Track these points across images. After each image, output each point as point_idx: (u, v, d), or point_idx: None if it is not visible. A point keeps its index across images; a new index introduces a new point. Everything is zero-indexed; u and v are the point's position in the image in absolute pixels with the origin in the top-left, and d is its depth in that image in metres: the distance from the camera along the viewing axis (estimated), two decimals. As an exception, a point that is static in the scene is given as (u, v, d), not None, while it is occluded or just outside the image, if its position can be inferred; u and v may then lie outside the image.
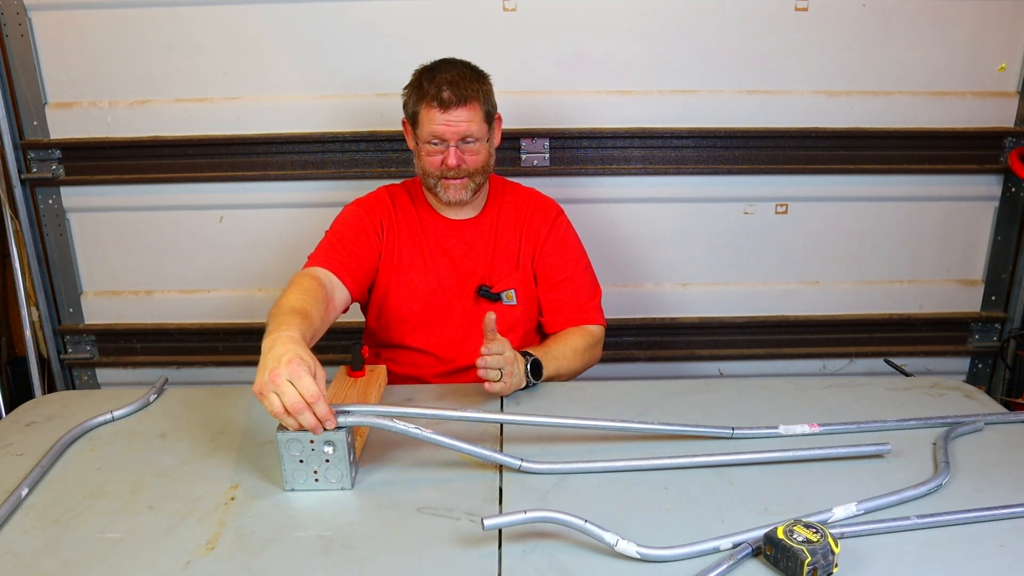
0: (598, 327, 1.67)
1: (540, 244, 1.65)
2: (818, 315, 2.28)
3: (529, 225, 1.65)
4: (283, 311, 1.23)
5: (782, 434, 1.24)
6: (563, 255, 1.66)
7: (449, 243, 1.63)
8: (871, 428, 1.26)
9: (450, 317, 1.63)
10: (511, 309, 1.64)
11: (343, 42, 2.02)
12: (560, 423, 1.21)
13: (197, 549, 0.98)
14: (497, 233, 1.64)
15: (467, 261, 1.63)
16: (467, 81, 1.50)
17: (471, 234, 1.64)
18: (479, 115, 1.51)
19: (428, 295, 1.61)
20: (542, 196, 1.71)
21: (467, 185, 1.55)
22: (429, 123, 1.50)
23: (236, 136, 2.08)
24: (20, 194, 2.11)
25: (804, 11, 2.00)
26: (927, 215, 2.20)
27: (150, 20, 1.99)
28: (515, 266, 1.64)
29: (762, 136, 2.10)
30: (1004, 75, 2.08)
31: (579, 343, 1.59)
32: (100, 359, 2.30)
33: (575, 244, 1.70)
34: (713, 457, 1.16)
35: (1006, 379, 2.34)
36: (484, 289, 1.62)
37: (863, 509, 1.02)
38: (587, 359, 1.61)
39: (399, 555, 0.96)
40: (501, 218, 1.65)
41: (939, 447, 1.18)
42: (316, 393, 1.03)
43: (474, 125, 1.50)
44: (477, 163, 1.54)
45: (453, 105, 1.47)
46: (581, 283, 1.67)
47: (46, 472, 1.16)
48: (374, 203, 1.63)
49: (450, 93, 1.47)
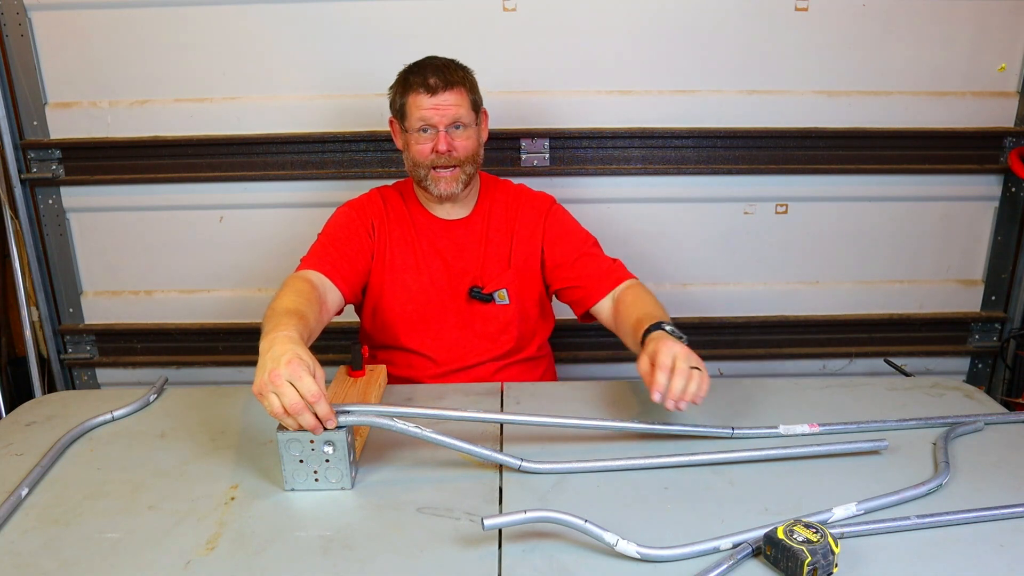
0: (633, 280, 1.58)
1: (540, 237, 1.64)
2: (818, 315, 2.28)
3: (521, 223, 1.64)
4: (278, 312, 1.23)
5: (782, 434, 1.24)
6: (569, 238, 1.64)
7: (441, 243, 1.63)
8: (871, 428, 1.26)
9: (444, 318, 1.63)
10: (504, 309, 1.64)
11: (343, 42, 2.02)
12: (560, 423, 1.21)
13: (197, 549, 0.98)
14: (488, 233, 1.64)
15: (459, 261, 1.63)
16: (452, 69, 1.53)
17: (462, 234, 1.63)
18: (467, 101, 1.52)
19: (421, 295, 1.61)
20: (532, 191, 1.70)
21: (458, 176, 1.54)
22: (417, 109, 1.50)
23: (236, 136, 2.08)
24: (20, 194, 2.11)
25: (804, 11, 2.00)
26: (927, 215, 2.20)
27: (150, 20, 1.99)
28: (507, 265, 1.64)
29: (762, 136, 2.10)
30: (1004, 75, 2.08)
31: (646, 294, 1.51)
32: (100, 359, 2.30)
33: (576, 226, 1.68)
34: (711, 455, 1.16)
35: (1006, 379, 2.34)
36: (476, 290, 1.62)
37: (863, 509, 1.02)
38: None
39: (399, 555, 0.96)
40: (492, 217, 1.65)
41: (939, 447, 1.18)
42: (316, 393, 1.03)
43: (462, 110, 1.51)
44: (467, 150, 1.54)
45: (440, 89, 1.49)
46: (597, 254, 1.63)
47: (46, 472, 1.16)
48: (365, 204, 1.63)
49: (436, 79, 1.49)
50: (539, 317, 1.71)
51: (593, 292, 1.58)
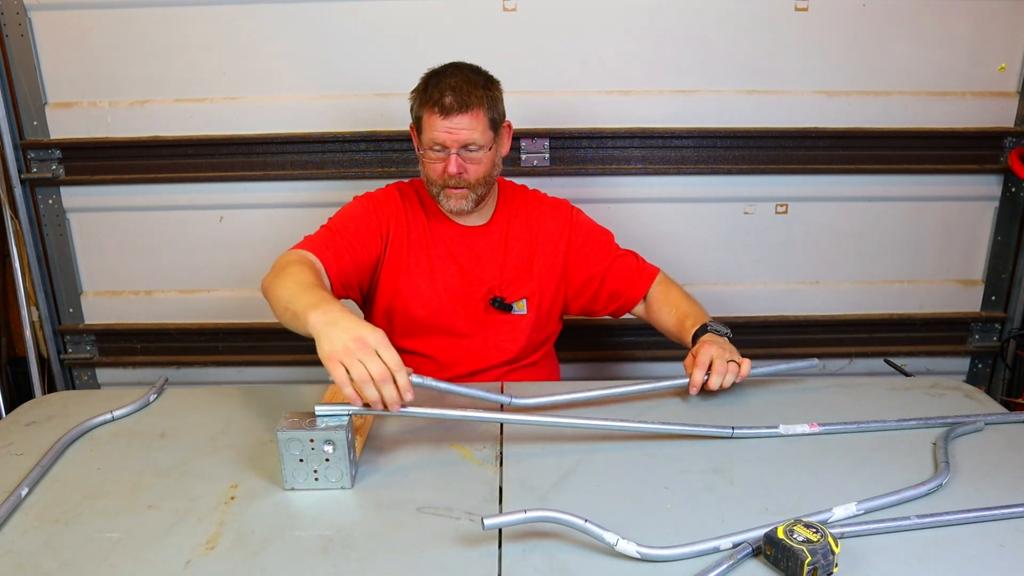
0: (660, 274, 1.69)
1: (564, 249, 1.64)
2: (818, 315, 2.28)
3: (544, 232, 1.64)
4: (313, 286, 1.24)
5: (782, 434, 1.24)
6: (596, 245, 1.67)
7: (457, 249, 1.61)
8: (871, 428, 1.26)
9: (454, 323, 1.62)
10: (520, 319, 1.64)
11: (343, 42, 2.02)
12: (560, 423, 1.21)
13: (197, 549, 0.97)
14: (508, 242, 1.63)
15: (475, 269, 1.61)
16: (471, 87, 1.47)
17: (480, 242, 1.62)
18: (482, 123, 1.48)
19: (434, 299, 1.60)
20: (549, 199, 1.70)
21: (467, 196, 1.53)
22: (430, 129, 1.47)
23: (236, 136, 2.08)
24: (20, 194, 2.11)
25: (804, 11, 2.00)
26: (927, 215, 2.20)
27: (150, 20, 1.99)
28: (529, 275, 1.63)
29: (762, 136, 2.10)
30: (1004, 75, 2.08)
31: (677, 291, 1.65)
32: (100, 359, 2.30)
33: (597, 229, 1.70)
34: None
35: (1006, 379, 2.34)
36: (498, 300, 1.61)
37: (863, 509, 1.02)
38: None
39: (399, 555, 0.96)
40: (511, 226, 1.63)
41: (939, 447, 1.18)
42: (399, 362, 1.05)
43: (476, 133, 1.47)
44: (478, 173, 1.51)
45: (455, 112, 1.44)
46: (621, 254, 1.69)
47: (46, 472, 1.15)
48: (384, 201, 1.60)
49: (452, 99, 1.44)
50: (551, 324, 1.71)
51: (630, 299, 1.68)
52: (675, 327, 1.57)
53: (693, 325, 1.49)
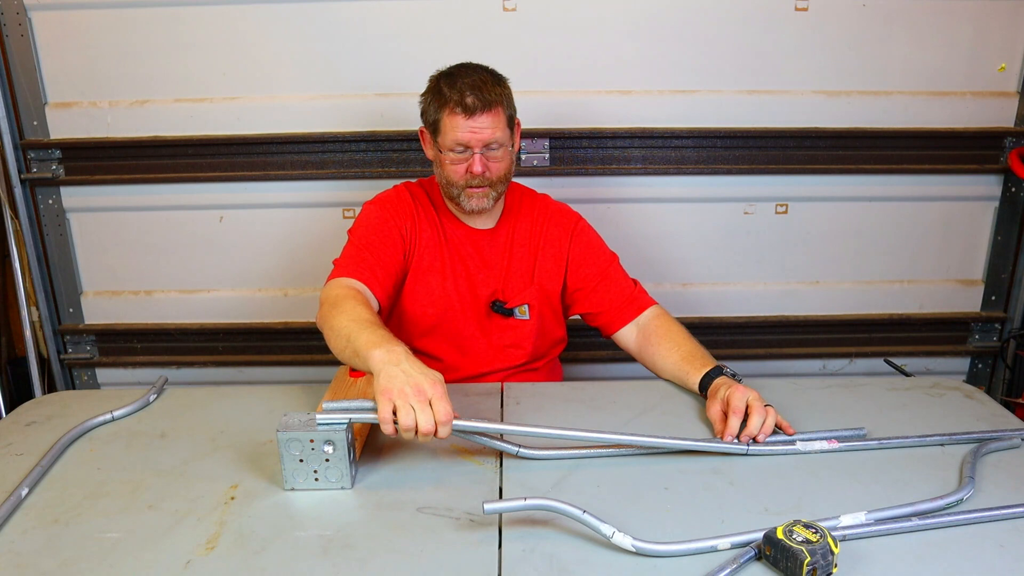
0: (656, 307, 1.61)
1: (565, 257, 1.63)
2: (818, 315, 2.28)
3: (546, 239, 1.63)
4: (373, 324, 1.24)
5: (800, 451, 1.20)
6: (593, 260, 1.63)
7: (466, 251, 1.61)
8: (891, 445, 1.21)
9: (462, 327, 1.62)
10: (523, 324, 1.63)
11: (343, 42, 2.02)
12: (565, 435, 1.18)
13: (197, 549, 0.98)
14: (513, 247, 1.62)
15: (481, 272, 1.61)
16: (489, 86, 1.46)
17: (487, 245, 1.61)
18: (502, 120, 1.48)
19: (443, 300, 1.59)
20: (558, 205, 1.69)
21: (489, 194, 1.52)
22: (453, 130, 1.46)
23: (236, 136, 2.08)
24: (20, 194, 2.11)
25: (804, 11, 2.00)
26: (927, 215, 2.20)
27: (150, 20, 1.99)
28: (530, 280, 1.62)
29: (762, 136, 2.10)
30: (1004, 75, 2.08)
31: (675, 326, 1.55)
32: (100, 359, 2.30)
33: (600, 245, 1.67)
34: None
35: (1006, 379, 2.33)
36: (499, 304, 1.60)
37: (872, 519, 1.00)
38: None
39: (399, 555, 0.96)
40: (517, 231, 1.63)
41: (967, 461, 1.14)
42: (449, 414, 1.07)
43: (498, 131, 1.47)
44: (500, 170, 1.51)
45: (478, 111, 1.44)
46: (618, 277, 1.63)
47: (46, 472, 1.16)
48: (396, 203, 1.58)
49: (474, 99, 1.43)
50: (556, 331, 1.71)
51: (615, 319, 1.60)
52: (675, 366, 1.46)
53: (703, 366, 1.40)
